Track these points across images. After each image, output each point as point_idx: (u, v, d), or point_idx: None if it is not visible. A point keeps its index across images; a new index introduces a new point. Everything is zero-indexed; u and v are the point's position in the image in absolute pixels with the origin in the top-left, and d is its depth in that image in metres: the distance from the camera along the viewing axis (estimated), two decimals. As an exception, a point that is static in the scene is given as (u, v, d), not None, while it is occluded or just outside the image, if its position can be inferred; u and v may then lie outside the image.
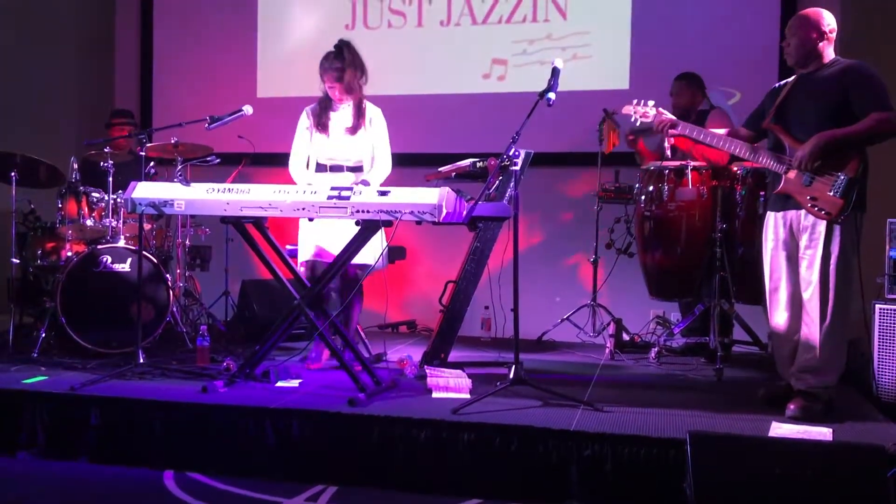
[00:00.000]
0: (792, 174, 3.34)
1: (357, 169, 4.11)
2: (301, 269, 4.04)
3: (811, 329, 3.31)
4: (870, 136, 3.24)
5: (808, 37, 3.39)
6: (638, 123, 3.78)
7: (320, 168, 4.12)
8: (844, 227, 3.26)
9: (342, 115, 4.11)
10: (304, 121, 4.16)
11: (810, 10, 3.48)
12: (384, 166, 4.11)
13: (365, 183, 3.94)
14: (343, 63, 4.00)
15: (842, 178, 3.24)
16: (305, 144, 4.15)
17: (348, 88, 4.03)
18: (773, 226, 3.49)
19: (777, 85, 3.62)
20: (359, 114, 4.09)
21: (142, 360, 3.87)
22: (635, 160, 4.87)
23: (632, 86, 5.57)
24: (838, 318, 3.28)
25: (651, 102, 3.73)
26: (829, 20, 3.40)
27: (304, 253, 4.10)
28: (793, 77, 3.53)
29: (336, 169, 4.09)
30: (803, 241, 3.34)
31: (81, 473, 3.29)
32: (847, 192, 3.23)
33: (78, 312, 4.28)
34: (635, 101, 3.76)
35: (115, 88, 6.68)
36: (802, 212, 3.34)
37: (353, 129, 4.08)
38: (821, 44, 3.39)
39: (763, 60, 5.21)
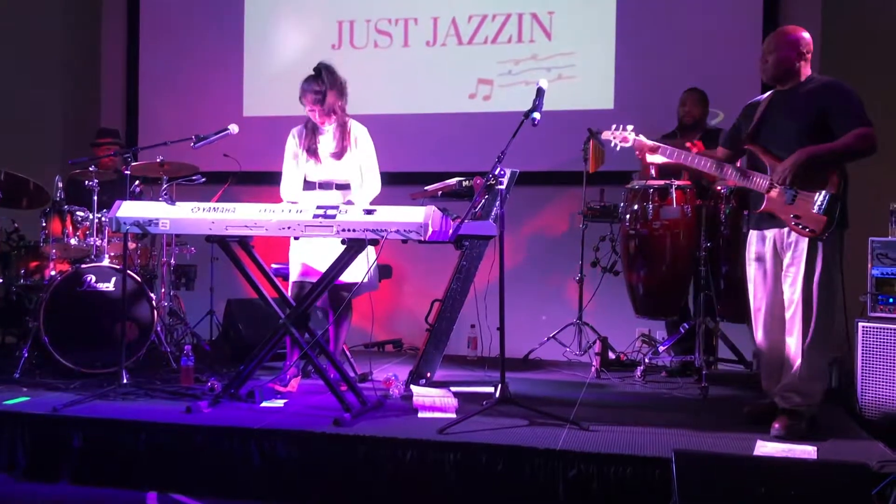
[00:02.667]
0: (774, 193, 3.37)
1: (345, 186, 4.10)
2: (290, 288, 4.02)
3: (794, 347, 3.32)
4: (851, 152, 3.26)
5: (785, 55, 3.42)
6: (618, 149, 3.81)
7: (309, 186, 4.12)
8: (827, 244, 3.28)
9: (327, 138, 4.10)
10: (292, 143, 4.14)
11: (788, 28, 3.52)
12: (372, 186, 4.10)
13: (349, 204, 3.94)
14: (322, 86, 3.98)
15: (824, 194, 3.26)
16: (296, 167, 4.13)
17: (329, 111, 4.03)
18: (755, 244, 3.52)
19: (751, 101, 3.64)
20: (343, 137, 4.07)
21: (125, 381, 3.84)
22: (619, 179, 4.91)
23: (616, 106, 5.63)
24: (821, 336, 3.29)
25: (630, 127, 3.76)
26: (806, 39, 3.44)
27: (294, 271, 4.08)
28: (768, 94, 3.56)
29: (325, 186, 4.09)
30: (786, 259, 3.36)
31: (63, 496, 3.25)
32: (830, 208, 3.25)
33: (61, 332, 4.24)
34: (614, 126, 3.78)
35: (101, 107, 6.67)
36: (785, 230, 3.36)
37: (339, 154, 4.06)
38: (798, 62, 3.42)
39: (746, 80, 5.26)
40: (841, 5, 5.41)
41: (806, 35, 3.45)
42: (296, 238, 3.84)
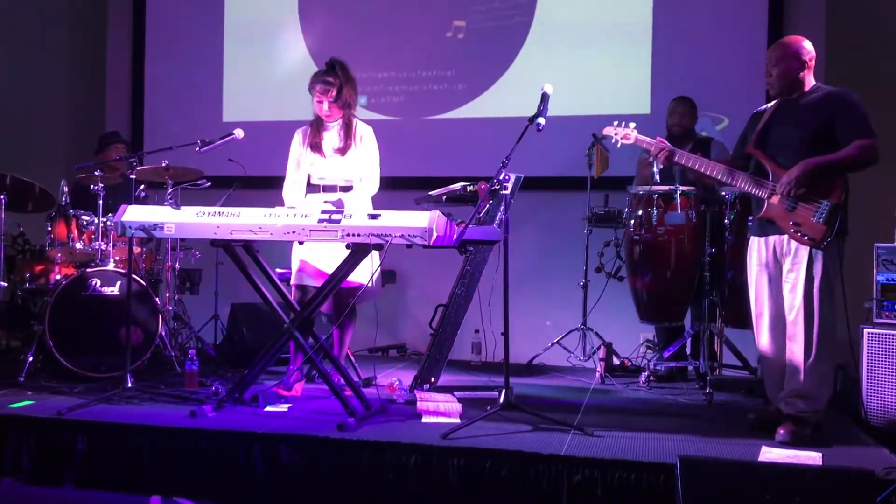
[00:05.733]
0: (775, 200, 3.36)
1: (349, 189, 4.11)
2: (293, 292, 4.03)
3: (797, 353, 3.31)
4: (854, 164, 3.27)
5: (789, 67, 3.41)
6: (619, 145, 3.80)
7: (313, 188, 4.12)
8: (827, 251, 3.28)
9: (332, 135, 4.10)
10: (296, 143, 4.14)
11: (790, 39, 3.51)
12: (371, 184, 4.09)
13: (339, 203, 3.92)
14: (336, 79, 3.99)
15: (826, 204, 3.26)
16: (297, 169, 4.13)
17: (343, 105, 4.02)
18: (757, 251, 3.51)
19: (758, 110, 3.64)
20: (347, 134, 4.07)
21: (130, 385, 3.84)
22: (624, 184, 4.90)
23: (620, 111, 5.61)
24: (824, 342, 3.28)
25: (632, 125, 3.75)
26: (808, 48, 3.43)
27: (297, 276, 4.08)
28: (773, 102, 3.56)
29: (329, 189, 4.09)
30: (786, 266, 3.36)
31: (67, 500, 3.26)
32: (830, 218, 3.25)
33: (66, 336, 4.25)
34: (616, 123, 3.78)
35: (107, 112, 6.69)
36: (785, 237, 3.36)
37: (343, 150, 4.06)
38: (802, 72, 3.42)
39: (750, 85, 5.27)
40: (845, 10, 5.41)
41: (807, 44, 3.44)
42: (300, 242, 3.85)
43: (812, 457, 3.03)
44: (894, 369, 3.69)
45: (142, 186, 4.94)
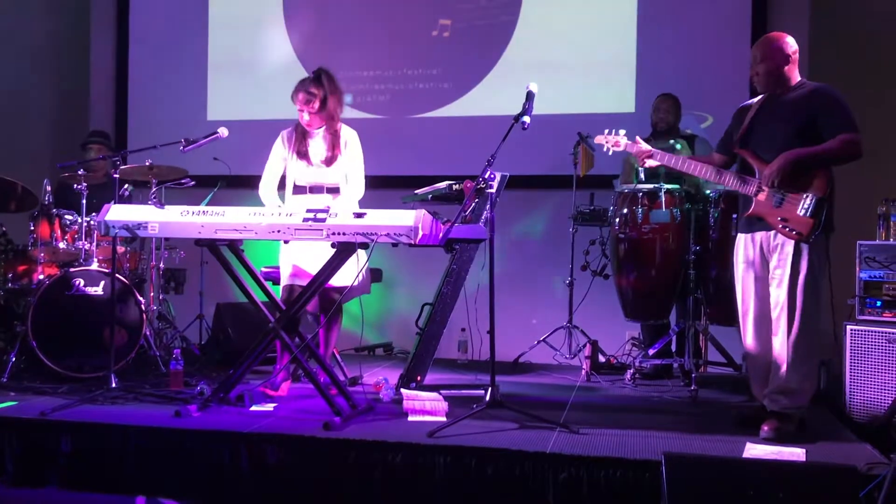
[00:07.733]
0: (762, 196, 3.39)
1: (335, 190, 4.10)
2: (281, 292, 4.01)
3: (781, 350, 3.34)
4: (836, 157, 3.30)
5: (774, 63, 3.45)
6: (610, 153, 3.83)
7: (299, 190, 4.11)
8: (812, 247, 3.30)
9: (317, 142, 4.09)
10: (280, 145, 4.13)
11: (772, 35, 3.55)
12: (356, 189, 4.09)
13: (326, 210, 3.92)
14: (321, 90, 3.98)
15: (811, 197, 3.29)
16: (278, 169, 4.12)
17: (326, 116, 4.02)
18: (744, 247, 3.54)
19: (743, 105, 3.67)
20: (334, 144, 4.06)
21: (114, 385, 3.82)
22: (609, 183, 4.92)
23: (605, 110, 5.63)
24: (807, 338, 3.31)
25: (622, 131, 3.78)
26: (791, 43, 3.47)
27: (284, 275, 4.07)
28: (758, 98, 3.59)
29: (316, 190, 4.09)
30: (773, 262, 3.38)
31: (51, 501, 3.24)
32: (817, 211, 3.28)
33: (49, 336, 4.22)
34: (607, 131, 3.81)
35: (91, 111, 6.64)
36: (772, 232, 3.38)
37: (329, 161, 4.06)
38: (787, 67, 3.45)
39: (734, 84, 5.29)
40: (828, 6, 5.45)
41: (789, 39, 3.48)
42: (286, 242, 3.84)
43: (796, 453, 3.05)
44: (876, 365, 3.72)
45: (126, 185, 4.90)
